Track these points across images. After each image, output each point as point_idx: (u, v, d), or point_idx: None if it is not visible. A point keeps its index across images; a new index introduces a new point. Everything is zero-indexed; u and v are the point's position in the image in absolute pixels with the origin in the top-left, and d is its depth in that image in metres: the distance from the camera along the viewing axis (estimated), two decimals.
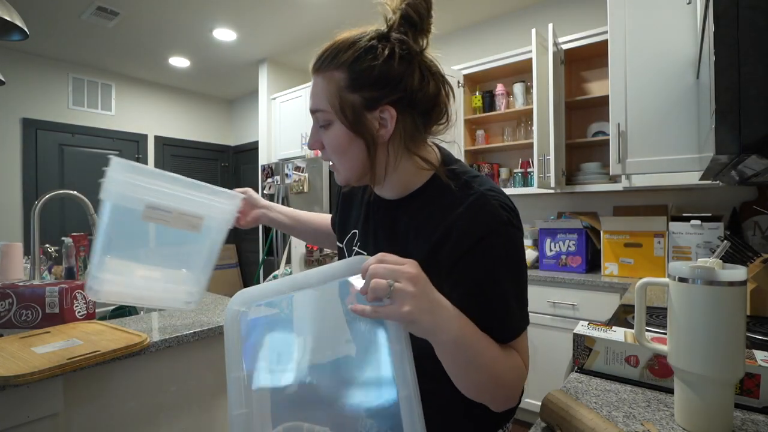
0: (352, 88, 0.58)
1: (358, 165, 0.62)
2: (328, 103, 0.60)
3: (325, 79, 0.60)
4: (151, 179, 0.87)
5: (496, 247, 0.57)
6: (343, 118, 0.59)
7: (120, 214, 0.86)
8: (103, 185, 0.84)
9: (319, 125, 0.63)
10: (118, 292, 0.92)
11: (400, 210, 0.67)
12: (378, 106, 0.59)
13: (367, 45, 0.58)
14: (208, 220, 0.94)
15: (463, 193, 0.61)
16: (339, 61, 0.59)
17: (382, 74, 0.57)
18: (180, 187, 0.91)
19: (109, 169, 0.83)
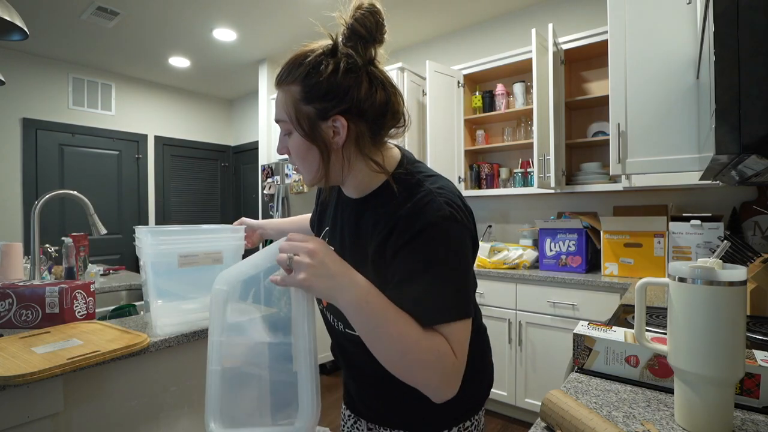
0: (305, 100, 0.64)
1: (316, 169, 0.68)
2: (286, 114, 0.66)
3: (283, 92, 0.66)
4: (174, 236, 1.09)
5: (434, 238, 0.60)
6: (299, 129, 0.65)
7: (158, 267, 1.08)
8: (140, 251, 1.10)
9: (283, 133, 0.69)
10: (174, 327, 1.12)
11: (362, 207, 0.71)
12: (329, 116, 0.64)
13: (316, 60, 0.63)
14: (226, 252, 1.18)
15: (413, 191, 0.65)
16: (294, 76, 0.64)
17: (330, 87, 0.62)
18: (195, 234, 1.14)
19: (141, 238, 1.07)
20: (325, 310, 0.77)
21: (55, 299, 1.14)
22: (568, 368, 1.23)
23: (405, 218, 0.62)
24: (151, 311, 1.11)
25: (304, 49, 0.65)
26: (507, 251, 2.47)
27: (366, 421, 0.82)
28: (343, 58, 0.63)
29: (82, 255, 1.88)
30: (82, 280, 1.23)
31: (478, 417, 0.78)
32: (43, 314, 1.13)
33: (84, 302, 1.20)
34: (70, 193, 1.55)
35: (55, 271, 1.78)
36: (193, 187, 4.90)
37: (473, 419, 0.77)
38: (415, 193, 0.64)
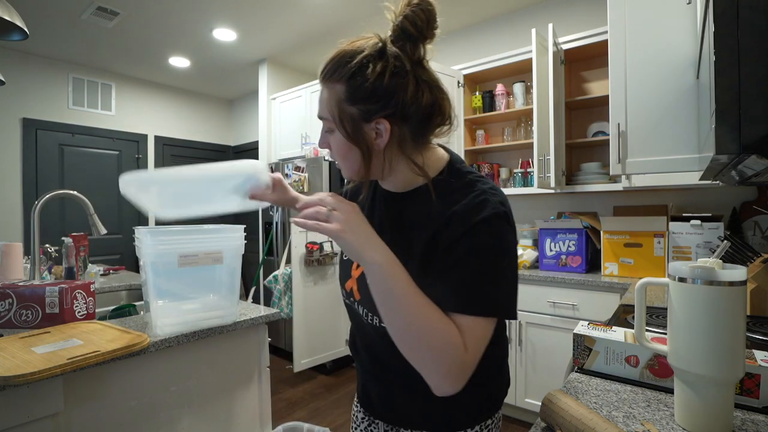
0: (350, 101, 0.63)
1: (356, 168, 0.68)
2: (329, 113, 0.65)
3: (328, 89, 0.65)
4: (174, 236, 1.08)
5: (486, 234, 0.61)
6: (342, 129, 0.64)
7: (158, 267, 1.08)
8: (140, 251, 1.10)
9: (325, 130, 0.69)
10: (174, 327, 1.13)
11: (406, 201, 0.71)
12: (372, 118, 0.63)
13: (363, 62, 0.61)
14: (226, 252, 1.18)
15: (466, 190, 0.65)
16: (339, 75, 0.63)
17: (375, 90, 0.61)
18: (195, 234, 1.14)
19: (141, 238, 1.07)
20: (357, 304, 0.74)
21: (55, 299, 1.14)
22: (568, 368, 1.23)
23: (461, 213, 0.62)
24: (152, 311, 1.11)
25: (351, 47, 0.63)
26: None
27: (384, 423, 0.80)
28: (391, 61, 0.61)
29: (82, 255, 1.88)
30: (82, 280, 1.23)
31: (498, 415, 0.78)
32: (43, 314, 1.14)
33: (84, 302, 1.20)
34: (70, 193, 1.55)
35: (55, 271, 1.78)
36: None
37: (494, 417, 0.76)
38: (469, 191, 0.65)
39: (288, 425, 1.17)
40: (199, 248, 1.13)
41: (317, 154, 3.27)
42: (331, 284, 3.14)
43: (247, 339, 1.32)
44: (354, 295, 0.75)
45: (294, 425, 1.17)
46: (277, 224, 3.40)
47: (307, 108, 3.58)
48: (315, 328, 3.01)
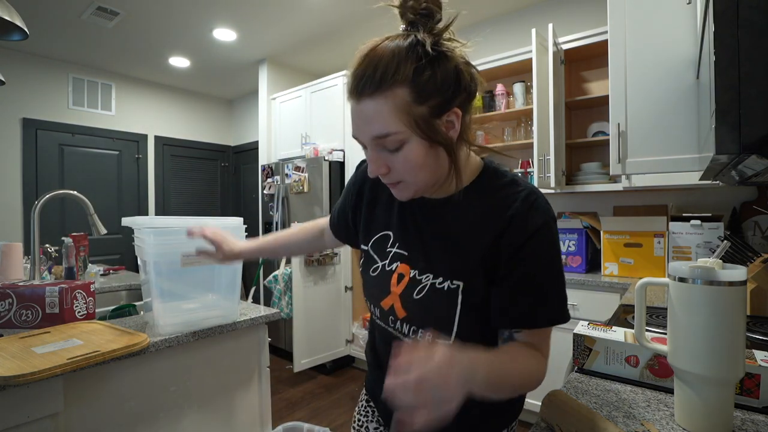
0: (418, 100, 0.56)
1: (437, 174, 0.62)
2: (400, 123, 0.56)
3: (383, 99, 0.55)
4: (177, 236, 1.08)
5: (548, 239, 0.61)
6: (420, 133, 0.57)
7: (159, 267, 1.08)
8: (142, 250, 1.10)
9: (388, 150, 0.58)
10: (174, 326, 1.13)
11: (448, 207, 0.67)
12: (446, 111, 0.58)
13: (416, 54, 0.55)
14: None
15: (514, 189, 0.63)
16: (396, 78, 0.54)
17: (445, 80, 0.56)
18: None
19: (144, 237, 1.07)
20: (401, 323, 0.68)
21: (55, 299, 1.14)
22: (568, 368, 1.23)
23: (519, 217, 0.60)
24: (153, 311, 1.11)
25: (384, 48, 0.56)
26: None
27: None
28: (444, 46, 0.57)
29: (82, 255, 1.88)
30: (82, 280, 1.23)
31: (516, 420, 0.78)
32: (43, 314, 1.13)
33: (84, 302, 1.20)
34: (70, 193, 1.55)
35: (55, 271, 1.78)
36: (193, 187, 4.90)
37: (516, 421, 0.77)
38: (517, 191, 0.63)
39: (288, 425, 1.17)
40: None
41: (317, 154, 3.27)
42: (331, 284, 3.14)
43: (247, 339, 1.32)
44: (396, 313, 0.68)
45: (294, 425, 1.17)
46: (278, 224, 3.40)
47: (307, 108, 3.58)
48: (315, 328, 3.01)
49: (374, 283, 0.73)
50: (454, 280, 0.64)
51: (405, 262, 0.69)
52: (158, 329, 1.10)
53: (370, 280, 0.74)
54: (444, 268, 0.65)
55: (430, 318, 0.65)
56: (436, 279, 0.65)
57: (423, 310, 0.66)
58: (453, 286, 0.64)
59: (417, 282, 0.67)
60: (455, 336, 0.64)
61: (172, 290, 1.13)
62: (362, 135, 0.59)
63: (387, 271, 0.71)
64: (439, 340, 0.62)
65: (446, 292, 0.64)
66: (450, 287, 0.64)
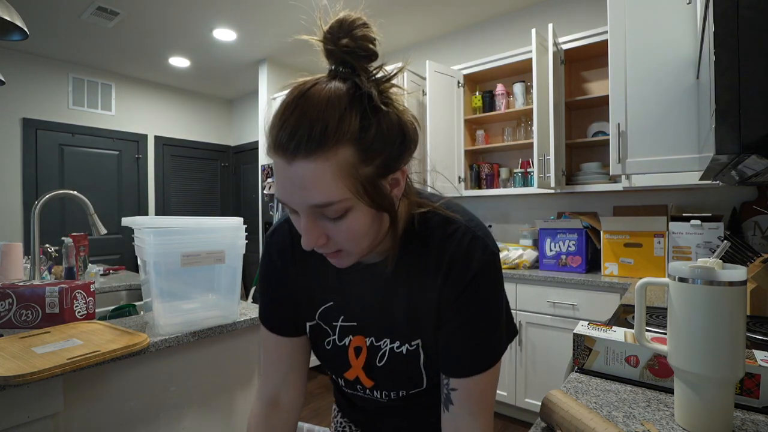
0: (365, 161, 0.47)
1: (377, 240, 0.55)
2: (344, 189, 0.47)
3: (328, 161, 0.45)
4: (177, 236, 1.08)
5: (489, 278, 0.58)
6: (368, 199, 0.48)
7: (160, 266, 1.07)
8: (142, 250, 1.09)
9: (328, 219, 0.49)
10: (174, 326, 1.13)
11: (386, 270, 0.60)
12: (394, 170, 0.51)
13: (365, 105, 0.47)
14: (228, 251, 1.18)
15: (448, 231, 0.58)
16: (341, 135, 0.45)
17: (390, 134, 0.49)
18: (197, 234, 1.13)
19: (144, 237, 1.06)
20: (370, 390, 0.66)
21: (55, 299, 1.14)
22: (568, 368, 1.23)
23: (458, 262, 0.56)
24: (153, 311, 1.11)
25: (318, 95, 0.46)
26: (507, 251, 2.47)
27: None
28: (384, 91, 0.49)
29: (82, 255, 1.88)
30: (82, 280, 1.23)
31: None
32: (43, 314, 1.13)
33: (84, 302, 1.20)
34: (70, 193, 1.55)
35: (55, 271, 1.78)
36: (193, 187, 4.90)
37: None
38: (449, 231, 0.58)
39: None
40: (202, 247, 1.13)
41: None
42: None
43: (247, 339, 1.32)
44: (363, 383, 0.65)
45: None
46: None
47: None
48: None
49: (331, 357, 0.67)
50: (412, 341, 0.61)
51: (358, 333, 0.64)
52: (158, 329, 1.10)
53: (325, 353, 0.67)
54: (398, 332, 0.62)
55: (399, 379, 0.64)
56: (393, 343, 0.63)
57: (390, 376, 0.64)
58: (412, 347, 0.62)
59: (377, 348, 0.64)
60: (426, 383, 0.63)
61: (172, 290, 1.13)
62: (295, 202, 0.48)
63: (340, 346, 0.65)
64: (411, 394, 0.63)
65: (407, 354, 0.62)
66: (409, 349, 0.62)
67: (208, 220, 1.19)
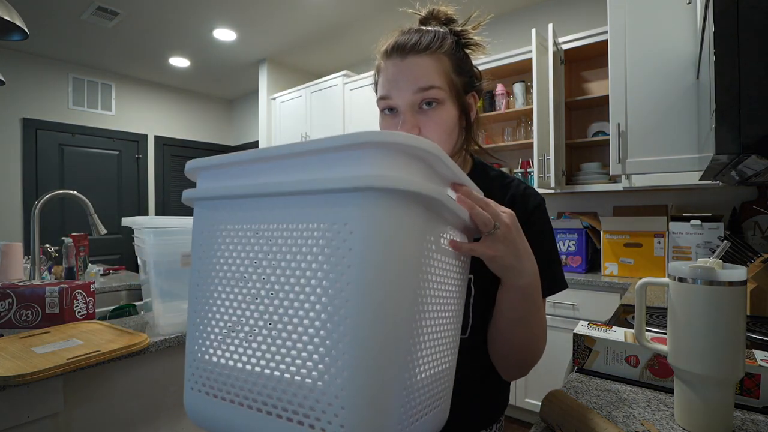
0: (457, 71, 0.64)
1: (453, 146, 0.66)
2: (443, 81, 0.62)
3: (435, 59, 0.62)
4: (177, 236, 1.08)
5: (545, 214, 0.68)
6: (456, 96, 0.64)
7: (160, 266, 1.08)
8: (142, 250, 1.09)
9: (419, 106, 0.61)
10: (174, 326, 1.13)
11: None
12: (470, 90, 0.67)
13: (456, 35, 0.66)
14: None
15: (505, 180, 0.72)
16: (444, 48, 0.63)
17: (470, 65, 0.67)
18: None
19: (144, 237, 1.06)
20: None
21: (55, 299, 1.14)
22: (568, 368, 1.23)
23: (518, 197, 0.68)
24: (153, 311, 1.11)
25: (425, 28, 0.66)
26: None
27: None
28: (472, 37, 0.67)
29: (82, 255, 1.88)
30: (82, 280, 1.23)
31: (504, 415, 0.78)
32: (43, 314, 1.13)
33: (84, 302, 1.20)
34: (70, 193, 1.55)
35: (55, 271, 1.78)
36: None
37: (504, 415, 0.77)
38: (507, 180, 0.71)
39: None
40: None
41: None
42: None
43: None
44: None
45: None
46: None
47: (307, 108, 3.58)
48: None
49: None
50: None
51: None
52: (158, 329, 1.10)
53: None
54: None
55: None
56: None
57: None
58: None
59: None
60: (470, 331, 0.66)
61: (172, 290, 1.13)
62: (403, 90, 0.61)
63: None
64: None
65: None
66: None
67: None
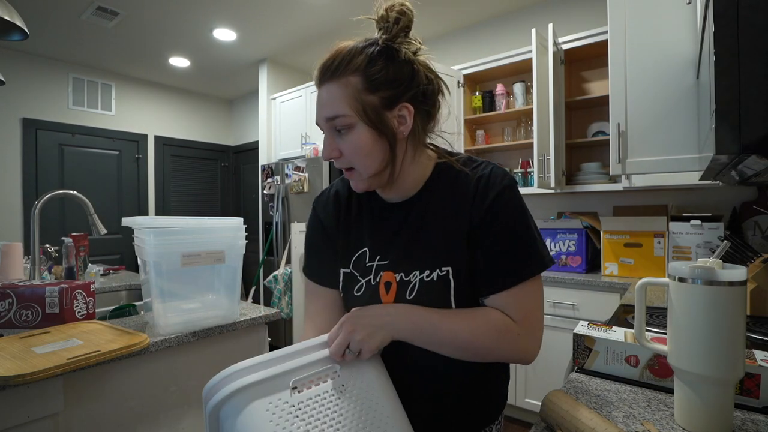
0: (369, 89, 0.62)
1: (381, 164, 0.65)
2: (348, 107, 0.62)
3: (340, 85, 0.62)
4: (177, 236, 1.08)
5: (514, 196, 0.65)
6: (366, 119, 0.62)
7: (160, 267, 1.07)
8: (142, 250, 1.08)
9: (336, 130, 0.64)
10: (174, 326, 1.13)
11: (419, 203, 0.70)
12: (396, 104, 0.63)
13: (374, 49, 0.62)
14: (228, 251, 1.18)
15: (470, 168, 0.68)
16: (352, 67, 0.62)
17: (396, 74, 0.62)
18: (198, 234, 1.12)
19: (144, 237, 1.06)
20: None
21: (55, 299, 1.14)
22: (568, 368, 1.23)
23: (481, 187, 0.65)
24: (153, 311, 1.11)
25: (350, 44, 0.64)
26: None
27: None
28: (401, 47, 0.63)
29: (82, 255, 1.88)
30: (82, 280, 1.23)
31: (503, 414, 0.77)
32: (43, 314, 1.13)
33: (84, 302, 1.20)
34: (70, 193, 1.55)
35: (55, 271, 1.78)
36: (193, 187, 4.90)
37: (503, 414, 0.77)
38: (475, 168, 0.68)
39: None
40: (202, 248, 1.13)
41: (317, 154, 3.27)
42: None
43: (247, 339, 1.32)
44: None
45: None
46: (277, 224, 3.40)
47: (307, 108, 3.58)
48: None
49: (361, 301, 0.70)
50: (442, 267, 0.65)
51: (388, 270, 0.69)
52: (158, 329, 1.10)
53: (355, 300, 0.72)
54: (429, 260, 0.66)
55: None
56: (422, 274, 0.66)
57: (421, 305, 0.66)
58: (442, 273, 0.65)
59: (406, 283, 0.67)
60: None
61: (172, 290, 1.13)
62: (319, 118, 0.65)
63: (373, 285, 0.70)
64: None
65: (437, 281, 0.65)
66: (440, 275, 0.65)
67: (208, 220, 1.18)
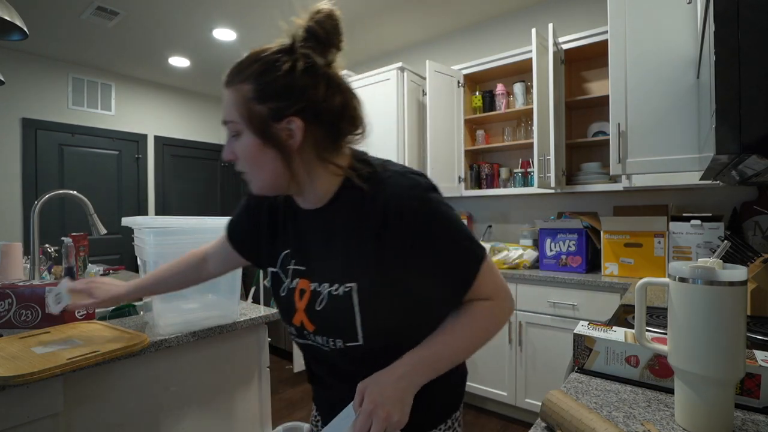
0: (258, 99, 0.61)
1: (271, 175, 0.64)
2: (237, 114, 0.62)
3: (233, 91, 0.63)
4: (177, 236, 1.09)
5: (430, 212, 0.62)
6: (251, 128, 0.62)
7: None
8: (142, 250, 1.09)
9: (230, 135, 0.65)
10: (176, 326, 1.13)
11: (327, 215, 0.69)
12: (284, 116, 0.61)
13: (272, 58, 0.61)
14: None
15: (379, 180, 0.65)
16: (246, 74, 0.62)
17: (286, 86, 0.60)
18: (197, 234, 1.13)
19: (143, 237, 1.07)
20: (313, 335, 0.70)
21: None
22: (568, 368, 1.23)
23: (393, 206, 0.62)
24: (153, 311, 1.11)
25: (258, 49, 0.63)
26: (507, 251, 2.47)
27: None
28: (300, 57, 0.61)
29: (82, 255, 1.88)
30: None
31: (461, 410, 0.80)
32: (43, 314, 1.13)
33: None
34: (70, 193, 1.55)
35: (55, 271, 1.78)
36: (193, 187, 4.90)
37: (459, 410, 0.79)
38: (383, 181, 0.64)
39: (288, 425, 1.17)
40: None
41: None
42: None
43: (247, 339, 1.32)
44: (306, 328, 0.70)
45: (294, 425, 1.17)
46: None
47: None
48: None
49: (284, 303, 0.73)
50: (347, 282, 0.65)
51: (304, 276, 0.70)
52: (158, 329, 1.10)
53: (279, 300, 0.75)
54: (335, 273, 0.66)
55: (335, 325, 0.67)
56: (331, 287, 0.66)
57: (327, 320, 0.67)
58: (346, 288, 0.65)
59: (317, 294, 0.68)
60: (363, 338, 0.65)
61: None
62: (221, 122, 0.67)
63: (291, 289, 0.72)
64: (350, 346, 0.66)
65: (342, 296, 0.65)
66: (344, 290, 0.65)
67: (208, 219, 1.18)
